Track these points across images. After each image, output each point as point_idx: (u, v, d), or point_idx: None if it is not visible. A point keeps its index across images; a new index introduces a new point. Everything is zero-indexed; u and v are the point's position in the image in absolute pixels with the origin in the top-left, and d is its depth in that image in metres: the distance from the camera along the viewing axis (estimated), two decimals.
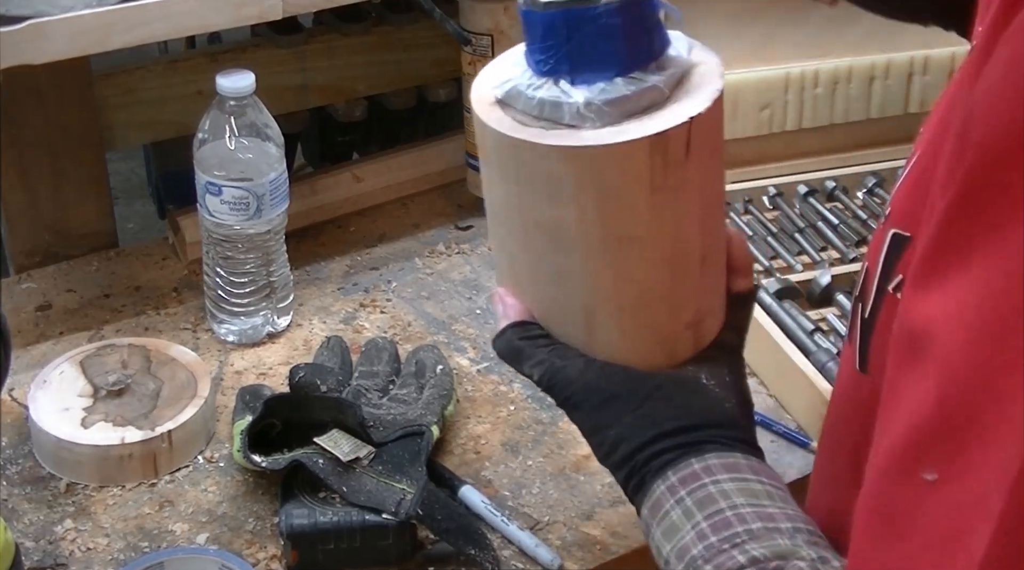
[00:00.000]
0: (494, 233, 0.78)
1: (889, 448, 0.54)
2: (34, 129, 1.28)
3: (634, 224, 0.70)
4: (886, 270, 0.63)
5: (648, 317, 0.74)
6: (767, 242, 1.29)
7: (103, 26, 1.05)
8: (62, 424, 1.05)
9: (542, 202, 0.71)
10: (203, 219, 1.17)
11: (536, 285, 0.75)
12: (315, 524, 0.95)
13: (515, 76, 0.71)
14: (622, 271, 0.72)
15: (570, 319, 0.74)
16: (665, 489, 0.69)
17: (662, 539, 0.68)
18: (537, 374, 0.74)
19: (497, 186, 0.74)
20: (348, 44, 1.47)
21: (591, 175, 0.69)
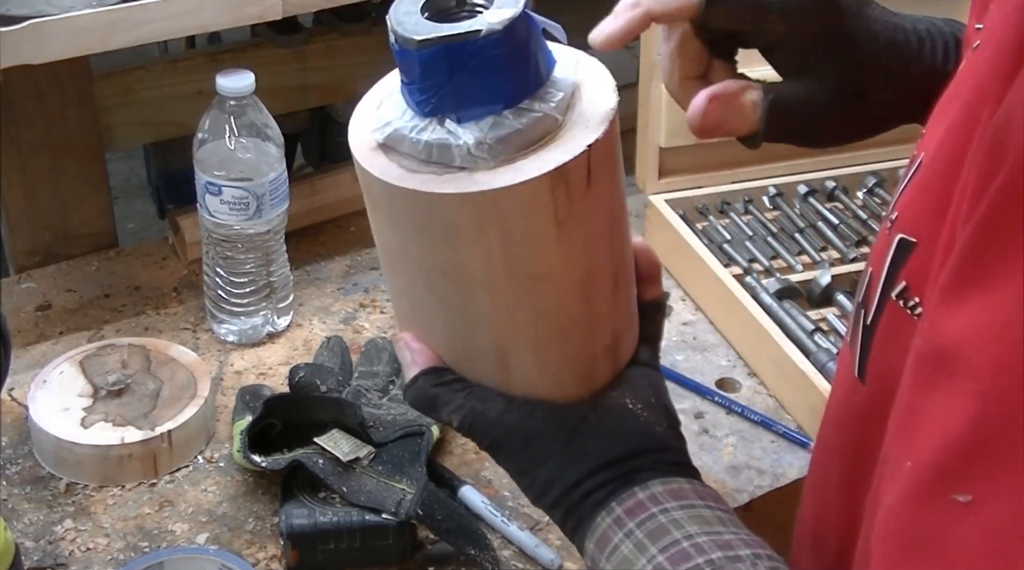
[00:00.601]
0: (391, 279, 0.73)
1: (914, 470, 0.52)
2: (34, 129, 1.28)
3: (542, 260, 0.67)
4: (890, 276, 0.62)
5: (564, 348, 0.70)
6: (767, 242, 1.29)
7: (103, 26, 1.05)
8: (62, 424, 1.05)
9: (442, 248, 0.66)
10: (203, 219, 1.17)
11: (445, 329, 0.70)
12: (315, 524, 0.95)
13: (395, 117, 0.66)
14: (534, 307, 0.68)
15: (483, 360, 0.70)
16: (612, 522, 0.66)
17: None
18: (456, 420, 0.70)
19: (390, 233, 0.69)
20: (348, 44, 1.47)
21: (493, 218, 0.65)
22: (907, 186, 0.64)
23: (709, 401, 1.14)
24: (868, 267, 0.66)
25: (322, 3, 1.20)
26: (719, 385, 1.16)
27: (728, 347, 1.21)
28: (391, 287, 0.74)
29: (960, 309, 0.51)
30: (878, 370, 0.65)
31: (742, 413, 1.12)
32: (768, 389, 1.16)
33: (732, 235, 1.30)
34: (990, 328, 0.49)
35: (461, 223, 0.65)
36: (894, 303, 0.62)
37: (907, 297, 0.60)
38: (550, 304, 0.68)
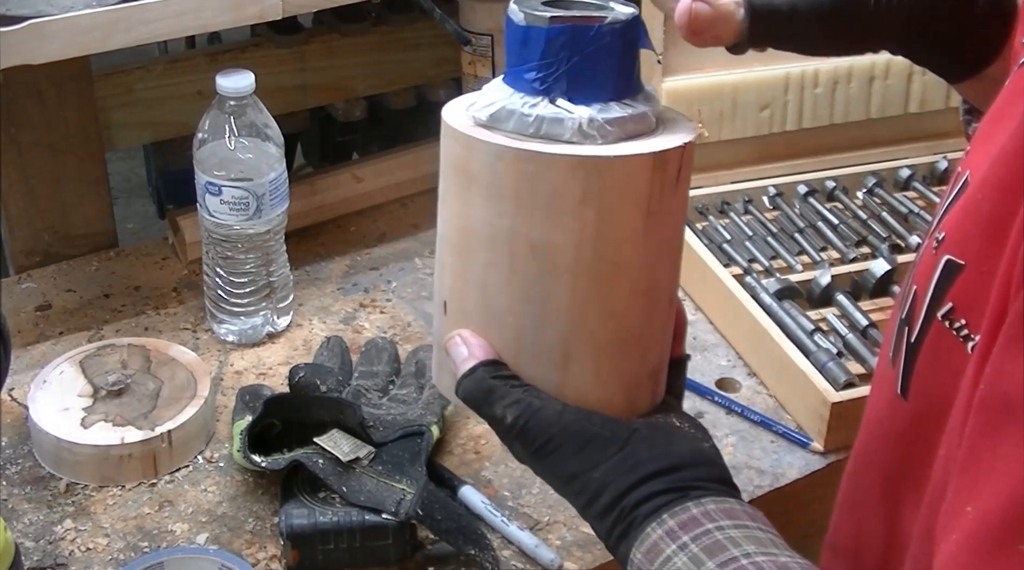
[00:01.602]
0: (461, 268, 0.73)
1: (981, 517, 0.52)
2: (34, 129, 1.28)
3: (626, 249, 0.70)
4: (936, 296, 0.62)
5: (621, 362, 0.72)
6: (767, 242, 1.29)
7: (103, 26, 1.05)
8: (62, 424, 1.05)
9: (539, 220, 0.69)
10: (203, 219, 1.17)
11: (513, 322, 0.71)
12: (315, 524, 0.95)
13: (500, 98, 0.70)
14: (606, 306, 0.70)
15: (545, 359, 0.71)
16: (664, 533, 0.65)
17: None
18: (512, 415, 0.69)
19: (482, 210, 0.70)
20: (348, 44, 1.47)
21: (596, 190, 0.68)
22: (953, 205, 0.63)
23: (709, 401, 1.14)
24: (912, 284, 0.66)
25: (322, 3, 1.20)
26: (719, 385, 1.16)
27: (728, 347, 1.21)
28: (456, 281, 0.73)
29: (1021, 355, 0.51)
30: (922, 388, 0.65)
31: (742, 413, 1.12)
32: (768, 389, 1.16)
33: (732, 235, 1.30)
34: None
35: (565, 191, 0.67)
36: (939, 323, 0.62)
37: (953, 318, 0.60)
38: (620, 304, 0.70)
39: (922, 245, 0.67)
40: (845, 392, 1.08)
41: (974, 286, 0.58)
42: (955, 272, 0.61)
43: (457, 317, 0.73)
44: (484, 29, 1.33)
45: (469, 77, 1.37)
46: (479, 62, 1.35)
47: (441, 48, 1.49)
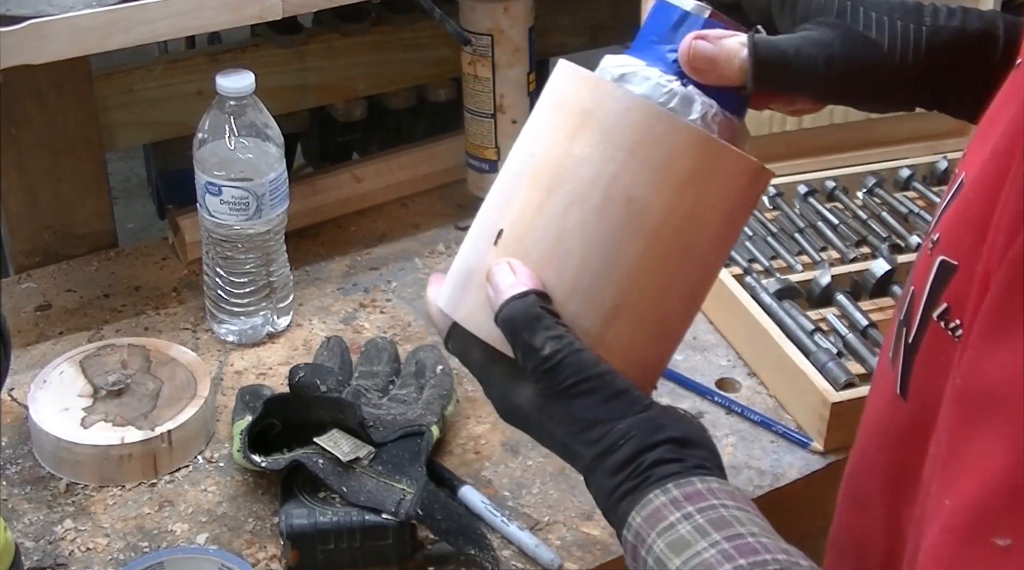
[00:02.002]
0: (539, 201, 0.73)
1: (956, 510, 0.53)
2: (34, 129, 1.28)
3: (701, 240, 0.73)
4: (932, 297, 0.63)
5: (654, 340, 0.74)
6: (767, 242, 1.29)
7: (103, 26, 1.05)
8: (62, 424, 1.05)
9: (644, 179, 0.71)
10: (203, 219, 1.17)
11: (575, 267, 0.72)
12: (315, 524, 0.95)
13: (633, 64, 0.73)
14: (667, 282, 0.73)
15: (593, 311, 0.72)
16: (667, 501, 0.66)
17: (667, 551, 0.65)
18: (552, 347, 0.69)
19: (590, 149, 0.72)
20: (348, 44, 1.47)
21: (705, 172, 0.71)
22: (948, 207, 0.64)
23: (709, 401, 1.14)
24: (910, 286, 0.66)
25: (322, 3, 1.20)
26: (719, 385, 1.16)
27: (728, 347, 1.21)
28: (526, 213, 0.73)
29: (995, 351, 0.51)
30: (920, 388, 0.65)
31: (742, 413, 1.12)
32: (768, 389, 1.16)
33: None
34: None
35: (680, 162, 0.71)
36: (936, 324, 0.62)
37: (948, 319, 0.61)
38: (675, 289, 0.74)
39: (921, 246, 0.67)
40: (845, 392, 1.08)
41: (967, 286, 0.59)
42: (949, 273, 0.61)
43: (512, 247, 0.73)
44: (484, 29, 1.33)
45: (469, 77, 1.37)
46: (479, 62, 1.35)
47: (441, 48, 1.49)
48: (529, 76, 1.37)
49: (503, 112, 1.37)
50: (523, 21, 1.34)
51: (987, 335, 0.53)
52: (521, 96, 1.37)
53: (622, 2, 1.51)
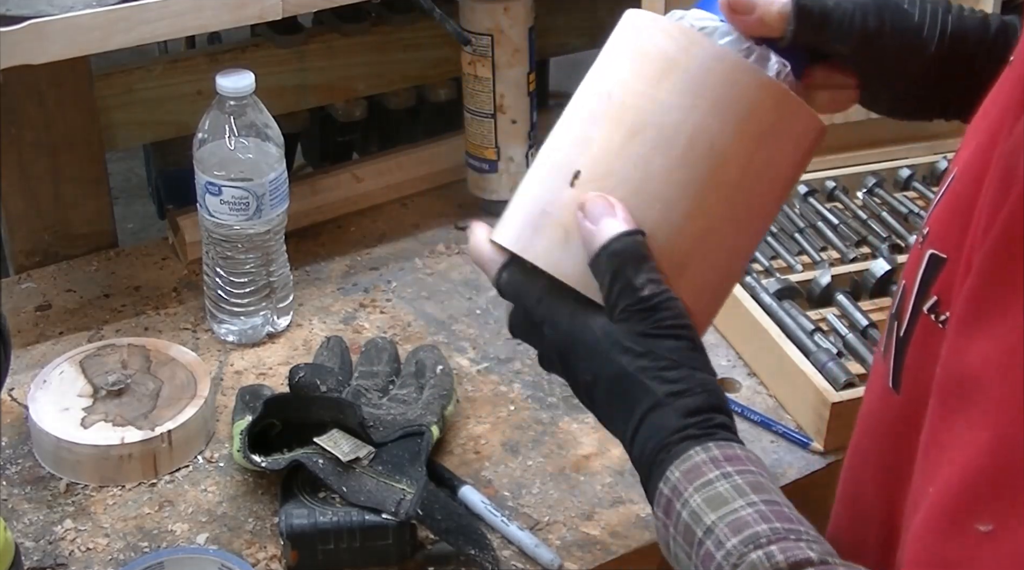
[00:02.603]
0: (620, 145, 0.74)
1: (939, 497, 0.53)
2: (34, 129, 1.28)
3: (775, 192, 0.77)
4: (922, 290, 0.63)
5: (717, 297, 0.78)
6: (767, 242, 1.29)
7: (103, 26, 1.05)
8: (62, 424, 1.05)
9: (728, 128, 0.73)
10: (203, 219, 1.17)
11: (661, 208, 0.73)
12: (315, 524, 0.95)
13: (714, 21, 0.76)
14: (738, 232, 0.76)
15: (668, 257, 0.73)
16: (708, 458, 0.67)
17: (703, 505, 0.66)
18: (651, 289, 0.71)
19: (674, 98, 0.73)
20: (348, 44, 1.47)
21: (784, 127, 0.75)
22: (939, 202, 0.64)
23: None
24: (901, 280, 0.67)
25: (322, 3, 1.20)
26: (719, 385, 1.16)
27: (728, 347, 1.21)
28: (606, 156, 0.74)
29: (975, 338, 0.52)
30: (912, 380, 0.66)
31: (742, 413, 1.12)
32: (768, 389, 1.16)
33: None
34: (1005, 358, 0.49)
35: (762, 114, 0.74)
36: (926, 316, 0.63)
37: (938, 311, 0.61)
38: (744, 241, 0.78)
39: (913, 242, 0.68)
40: (845, 392, 1.08)
41: (955, 278, 0.59)
42: (938, 266, 0.62)
43: (591, 187, 0.74)
44: (484, 29, 1.33)
45: (469, 77, 1.37)
46: (479, 62, 1.35)
47: (441, 48, 1.49)
48: (529, 76, 1.37)
49: (503, 112, 1.37)
50: (523, 21, 1.34)
51: (965, 323, 0.53)
52: (521, 96, 1.37)
53: (622, 2, 1.51)
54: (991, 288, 0.51)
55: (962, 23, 0.77)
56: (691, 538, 0.66)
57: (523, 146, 1.40)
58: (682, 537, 0.67)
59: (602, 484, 1.05)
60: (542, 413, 1.13)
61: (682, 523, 0.67)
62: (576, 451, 1.08)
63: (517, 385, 1.16)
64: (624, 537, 1.00)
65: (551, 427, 1.11)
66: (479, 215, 1.42)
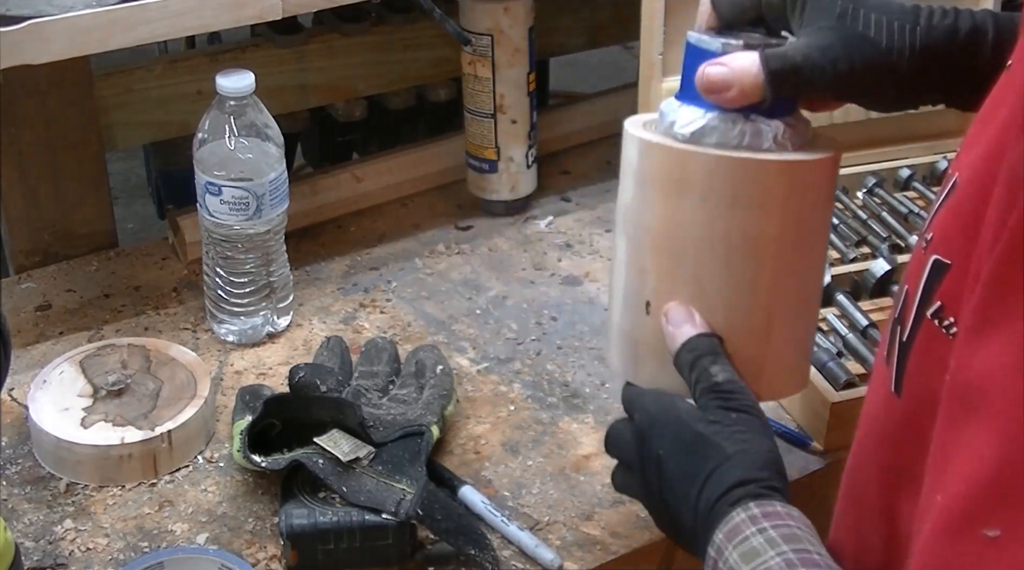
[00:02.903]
0: (671, 269, 0.83)
1: (947, 504, 0.54)
2: (34, 129, 1.28)
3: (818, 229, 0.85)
4: (925, 295, 0.64)
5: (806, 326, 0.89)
6: None
7: (103, 26, 1.05)
8: (62, 424, 1.05)
9: (753, 216, 0.80)
10: (203, 219, 1.17)
11: (726, 306, 0.83)
12: (315, 524, 0.95)
13: (697, 117, 0.81)
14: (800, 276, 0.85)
15: (753, 335, 0.83)
16: (747, 517, 0.72)
17: (739, 561, 0.70)
18: (723, 376, 0.80)
19: (696, 214, 0.81)
20: (348, 44, 1.47)
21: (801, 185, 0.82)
22: (941, 207, 0.65)
23: None
24: (904, 285, 0.68)
25: (322, 3, 1.20)
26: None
27: None
28: (664, 282, 0.84)
29: (983, 346, 0.52)
30: (914, 386, 0.66)
31: None
32: None
33: None
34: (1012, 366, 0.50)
35: (776, 190, 0.81)
36: (929, 322, 0.63)
37: (942, 317, 0.62)
38: (808, 278, 0.86)
39: (915, 246, 0.68)
40: (845, 392, 1.08)
41: (960, 284, 0.60)
42: (942, 271, 0.62)
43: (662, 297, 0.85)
44: (484, 29, 1.33)
45: (469, 77, 1.37)
46: (479, 62, 1.35)
47: (441, 48, 1.49)
48: (529, 76, 1.37)
49: (503, 112, 1.37)
50: (523, 21, 1.34)
51: (975, 331, 0.53)
52: (521, 96, 1.37)
53: (622, 2, 1.51)
54: (999, 297, 0.52)
55: (931, 34, 0.79)
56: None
57: (523, 146, 1.40)
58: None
59: (602, 484, 1.05)
60: (542, 413, 1.13)
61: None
62: (576, 451, 1.08)
63: (517, 385, 1.16)
64: (624, 537, 1.00)
65: (551, 427, 1.11)
66: (479, 215, 1.42)
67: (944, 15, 0.80)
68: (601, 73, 2.43)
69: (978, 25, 0.79)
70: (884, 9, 0.80)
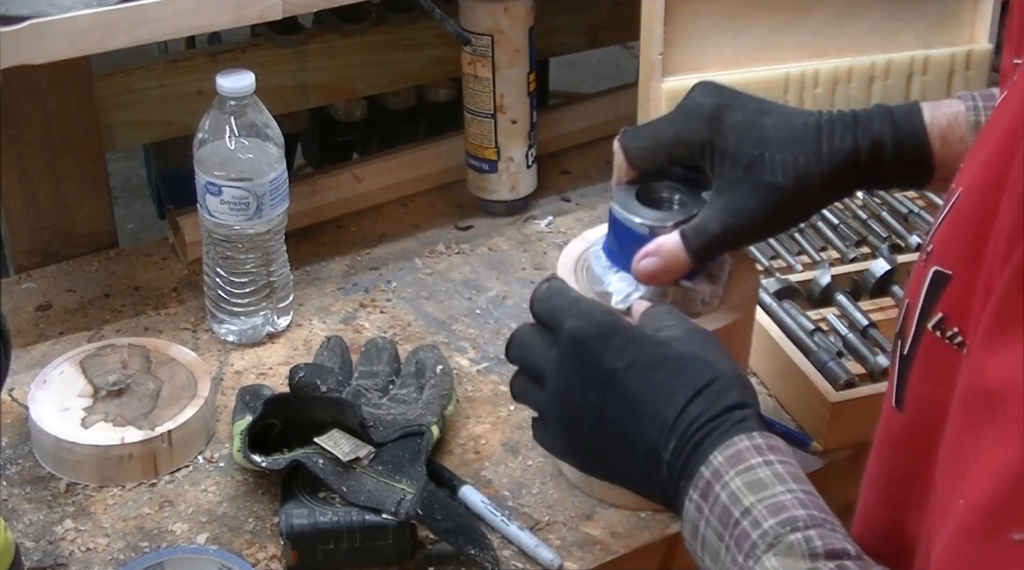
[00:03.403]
0: None
1: (968, 508, 0.54)
2: (34, 129, 1.28)
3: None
4: (926, 308, 0.64)
5: None
6: (767, 242, 1.29)
7: (103, 26, 1.05)
8: (62, 424, 1.05)
9: None
10: (203, 219, 1.17)
11: None
12: (315, 524, 0.95)
13: (625, 288, 0.93)
14: None
15: None
16: (751, 446, 0.70)
17: (743, 488, 0.68)
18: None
19: None
20: (348, 44, 1.47)
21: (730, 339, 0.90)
22: (944, 220, 0.65)
23: None
24: (905, 299, 0.68)
25: (322, 3, 1.20)
26: None
27: None
28: None
29: (1002, 352, 0.52)
30: (916, 398, 0.66)
31: None
32: (768, 389, 1.15)
33: None
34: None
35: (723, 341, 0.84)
36: (931, 333, 0.63)
37: (944, 328, 0.62)
38: None
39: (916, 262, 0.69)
40: (845, 392, 1.08)
41: (963, 294, 0.60)
42: (943, 283, 0.62)
43: None
44: (484, 29, 1.33)
45: (469, 77, 1.37)
46: (479, 62, 1.35)
47: (441, 48, 1.49)
48: (529, 76, 1.37)
49: (503, 112, 1.37)
50: (523, 21, 1.34)
51: (991, 339, 0.53)
52: (521, 96, 1.37)
53: (622, 2, 1.51)
54: (1016, 304, 0.52)
55: (834, 158, 0.86)
56: (727, 518, 0.68)
57: (523, 146, 1.40)
58: (717, 518, 0.68)
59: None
60: None
61: (720, 505, 0.69)
62: None
63: None
64: (624, 537, 1.00)
65: None
66: (479, 215, 1.42)
67: (844, 130, 0.86)
68: (601, 73, 2.44)
69: (876, 138, 0.86)
70: (788, 144, 0.86)
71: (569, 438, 0.78)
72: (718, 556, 0.68)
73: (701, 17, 1.26)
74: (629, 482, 0.76)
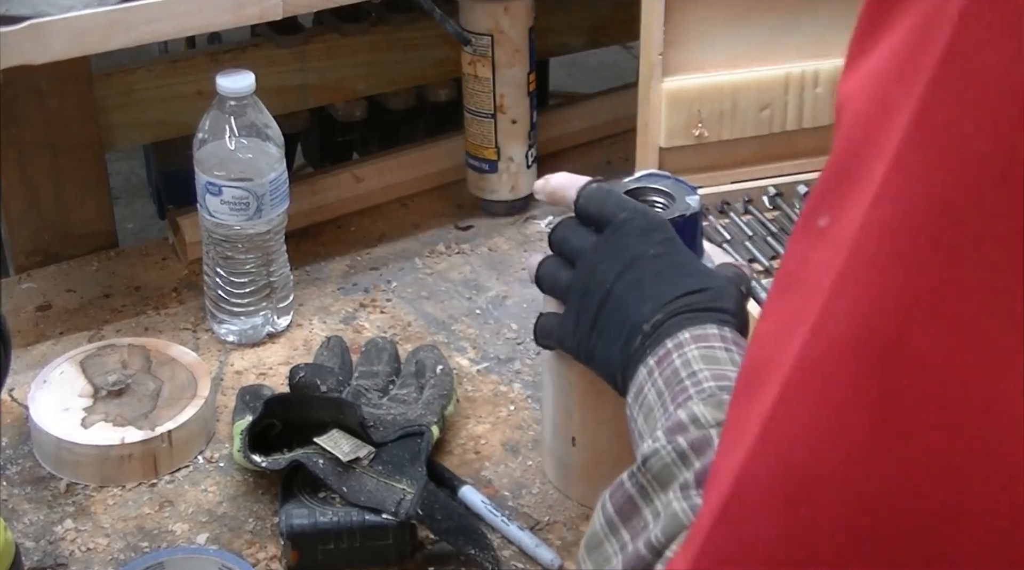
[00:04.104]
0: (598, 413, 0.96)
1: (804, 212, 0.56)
2: (34, 129, 1.28)
3: None
4: None
5: None
6: (767, 242, 1.29)
7: (103, 26, 1.05)
8: (62, 424, 1.05)
9: None
10: (203, 219, 1.17)
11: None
12: (315, 524, 0.95)
13: None
14: None
15: None
16: (719, 334, 0.77)
17: (699, 358, 0.75)
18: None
19: None
20: (348, 44, 1.47)
21: None
22: None
23: None
24: None
25: (322, 3, 1.20)
26: None
27: None
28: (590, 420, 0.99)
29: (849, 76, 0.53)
30: None
31: None
32: None
33: (732, 235, 1.30)
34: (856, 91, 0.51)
35: None
36: None
37: None
38: None
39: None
40: None
41: None
42: None
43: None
44: (484, 29, 1.33)
45: (469, 77, 1.37)
46: (479, 62, 1.35)
47: (441, 48, 1.49)
48: (529, 76, 1.37)
49: (503, 112, 1.37)
50: (523, 21, 1.34)
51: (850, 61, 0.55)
52: (521, 96, 1.37)
53: (622, 2, 1.51)
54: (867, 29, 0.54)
55: None
56: (673, 379, 0.74)
57: (523, 146, 1.40)
58: (664, 380, 0.75)
59: None
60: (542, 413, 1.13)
61: (671, 368, 0.75)
62: None
63: (517, 385, 1.16)
64: None
65: None
66: (479, 215, 1.42)
67: None
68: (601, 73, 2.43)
69: None
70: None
71: (573, 313, 0.85)
72: (651, 412, 0.74)
73: (701, 17, 1.26)
74: (605, 359, 0.82)
